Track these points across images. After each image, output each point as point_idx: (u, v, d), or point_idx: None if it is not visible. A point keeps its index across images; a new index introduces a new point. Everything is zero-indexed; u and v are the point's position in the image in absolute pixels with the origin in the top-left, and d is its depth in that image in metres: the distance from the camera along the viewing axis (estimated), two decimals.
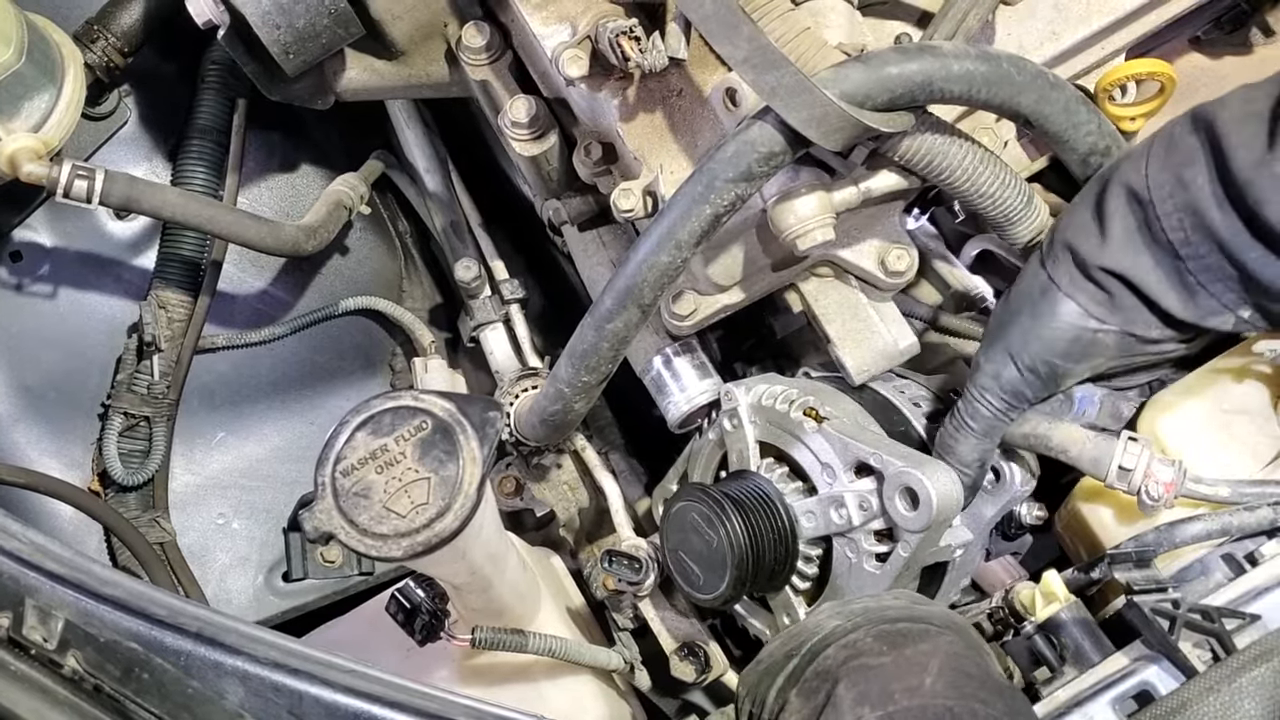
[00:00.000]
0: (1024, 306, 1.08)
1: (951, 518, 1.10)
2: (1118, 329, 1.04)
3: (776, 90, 0.99)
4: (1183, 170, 0.98)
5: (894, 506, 1.09)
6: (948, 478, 1.08)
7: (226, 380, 1.70)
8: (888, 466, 1.10)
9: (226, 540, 1.69)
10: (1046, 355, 1.06)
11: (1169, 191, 0.99)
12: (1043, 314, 1.06)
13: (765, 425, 1.23)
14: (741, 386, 1.25)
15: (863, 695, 0.80)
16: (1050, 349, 1.06)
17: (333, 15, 1.23)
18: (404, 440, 0.92)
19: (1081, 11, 1.26)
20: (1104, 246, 1.02)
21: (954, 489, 1.08)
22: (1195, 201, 0.97)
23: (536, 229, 1.52)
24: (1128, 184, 1.02)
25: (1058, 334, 1.05)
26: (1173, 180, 0.99)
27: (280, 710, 0.84)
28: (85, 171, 1.35)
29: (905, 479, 1.08)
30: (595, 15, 1.16)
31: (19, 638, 0.83)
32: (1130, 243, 1.01)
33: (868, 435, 1.18)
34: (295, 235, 1.51)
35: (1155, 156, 1.01)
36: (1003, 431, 1.12)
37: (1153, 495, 1.03)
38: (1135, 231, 1.01)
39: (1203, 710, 0.84)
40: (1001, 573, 1.29)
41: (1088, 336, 1.05)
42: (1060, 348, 1.06)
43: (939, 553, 1.14)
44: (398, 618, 1.13)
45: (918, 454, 1.12)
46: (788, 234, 1.11)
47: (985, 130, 1.26)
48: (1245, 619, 0.91)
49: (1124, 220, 1.02)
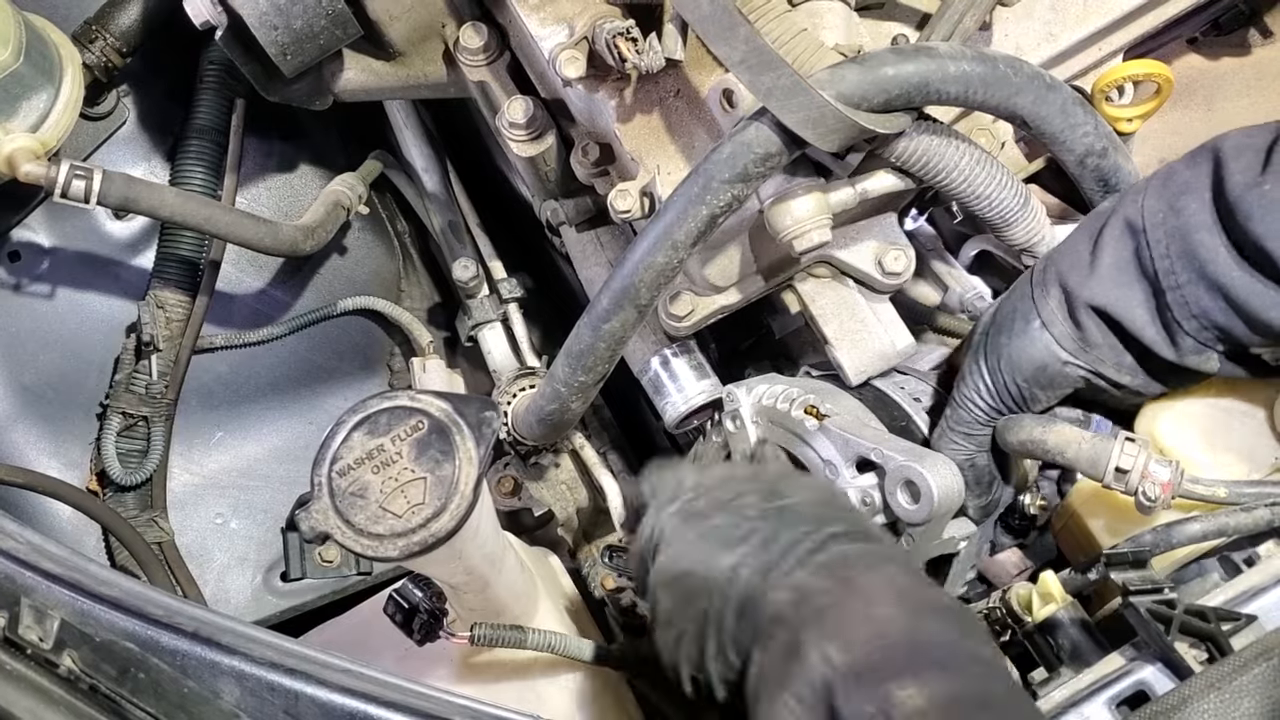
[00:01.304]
0: (1005, 325, 1.11)
1: (953, 510, 1.11)
2: (1086, 368, 1.07)
3: (773, 91, 0.99)
4: (1178, 198, 1.01)
5: (896, 500, 1.09)
6: (948, 470, 1.09)
7: (225, 380, 1.71)
8: (888, 461, 1.10)
9: (225, 540, 1.69)
10: (1016, 377, 1.10)
11: (1161, 219, 1.01)
12: (1019, 335, 1.09)
13: (768, 425, 1.23)
14: (743, 387, 1.26)
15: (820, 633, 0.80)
16: (1020, 371, 1.09)
17: (330, 16, 1.23)
18: (400, 440, 0.92)
19: (1079, 13, 1.26)
20: (1092, 277, 1.04)
21: (954, 481, 1.09)
22: (1185, 226, 0.99)
23: (534, 229, 1.52)
24: (1125, 216, 1.04)
25: (1029, 359, 1.09)
26: (1166, 208, 1.01)
27: (276, 710, 0.84)
28: (83, 171, 1.35)
29: (906, 473, 1.08)
30: (592, 16, 1.16)
31: (14, 637, 0.83)
32: (1119, 275, 1.03)
33: (868, 431, 1.18)
34: (293, 235, 1.51)
35: (1153, 189, 1.03)
36: (986, 435, 1.14)
37: (1150, 496, 1.03)
38: (1126, 263, 1.03)
39: (1202, 708, 0.84)
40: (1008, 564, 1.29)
41: (1055, 368, 1.08)
42: (1028, 372, 1.09)
43: (943, 545, 1.15)
44: (395, 618, 1.12)
45: (918, 448, 1.13)
46: (784, 235, 1.11)
47: (982, 131, 1.26)
48: (1241, 620, 0.91)
49: (1115, 251, 1.04)
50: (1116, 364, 1.06)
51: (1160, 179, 1.04)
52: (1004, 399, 1.12)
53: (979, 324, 1.16)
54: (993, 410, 1.13)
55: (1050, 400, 1.11)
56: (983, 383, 1.12)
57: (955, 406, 1.15)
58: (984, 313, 1.18)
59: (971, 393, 1.13)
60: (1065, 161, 1.15)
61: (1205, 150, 1.02)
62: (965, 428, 1.14)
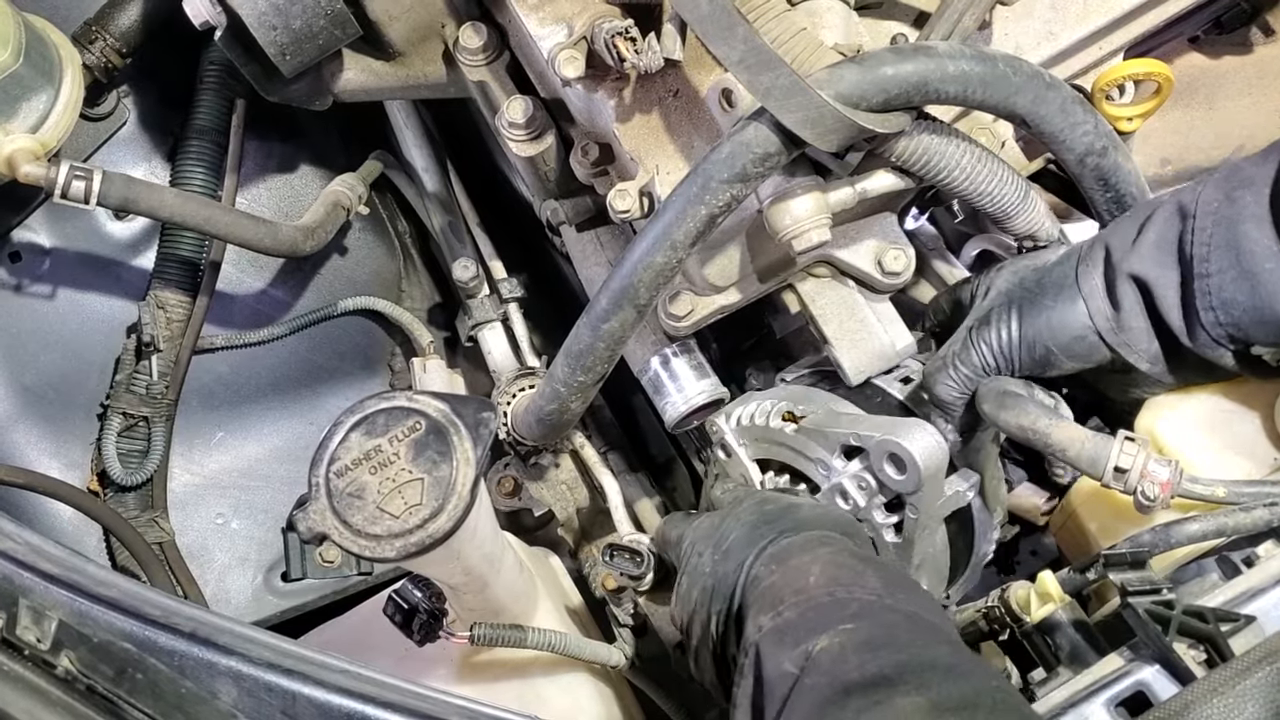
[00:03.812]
0: (1050, 288, 1.11)
1: (941, 468, 1.12)
2: (1114, 345, 1.07)
3: (771, 91, 0.99)
4: (1236, 189, 1.01)
5: (885, 475, 1.11)
6: (923, 432, 1.10)
7: (225, 380, 1.71)
8: (867, 441, 1.12)
9: (225, 540, 1.70)
10: (1049, 341, 1.10)
11: (1215, 207, 1.01)
12: (1062, 303, 1.09)
13: (755, 443, 1.24)
14: (721, 416, 1.28)
15: (759, 609, 0.93)
16: (1056, 337, 1.09)
17: (329, 16, 1.23)
18: (398, 441, 0.92)
19: (1079, 11, 1.26)
20: (1133, 251, 1.05)
21: (934, 441, 1.10)
22: (1235, 215, 0.99)
23: (534, 229, 1.52)
24: (1180, 201, 1.05)
25: (1066, 328, 1.09)
26: (1223, 197, 1.01)
27: (274, 710, 0.84)
28: (83, 172, 1.35)
29: (887, 447, 1.10)
30: (591, 16, 1.16)
31: (12, 638, 0.83)
32: (1159, 253, 1.04)
33: (843, 419, 1.20)
34: (293, 235, 1.51)
35: (1216, 180, 1.04)
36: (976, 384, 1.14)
37: (1149, 495, 1.03)
38: (1168, 244, 1.03)
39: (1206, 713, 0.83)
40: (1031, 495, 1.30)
41: (1091, 340, 1.08)
42: (1064, 340, 1.09)
43: (950, 501, 1.15)
44: (395, 619, 1.13)
45: (893, 420, 1.14)
46: (784, 235, 1.11)
47: (983, 130, 1.26)
48: (1240, 620, 0.90)
49: (1160, 231, 1.04)
50: (1143, 351, 1.07)
51: (1226, 172, 1.04)
52: (1023, 356, 1.12)
53: (1002, 275, 1.17)
54: (1007, 363, 1.13)
55: (1070, 370, 1.11)
56: (1008, 334, 1.12)
57: (969, 346, 1.14)
58: (1007, 268, 1.18)
59: (994, 340, 1.12)
60: (1065, 160, 1.15)
61: (1276, 148, 1.01)
62: (971, 369, 1.14)
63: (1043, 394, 1.14)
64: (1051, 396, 1.15)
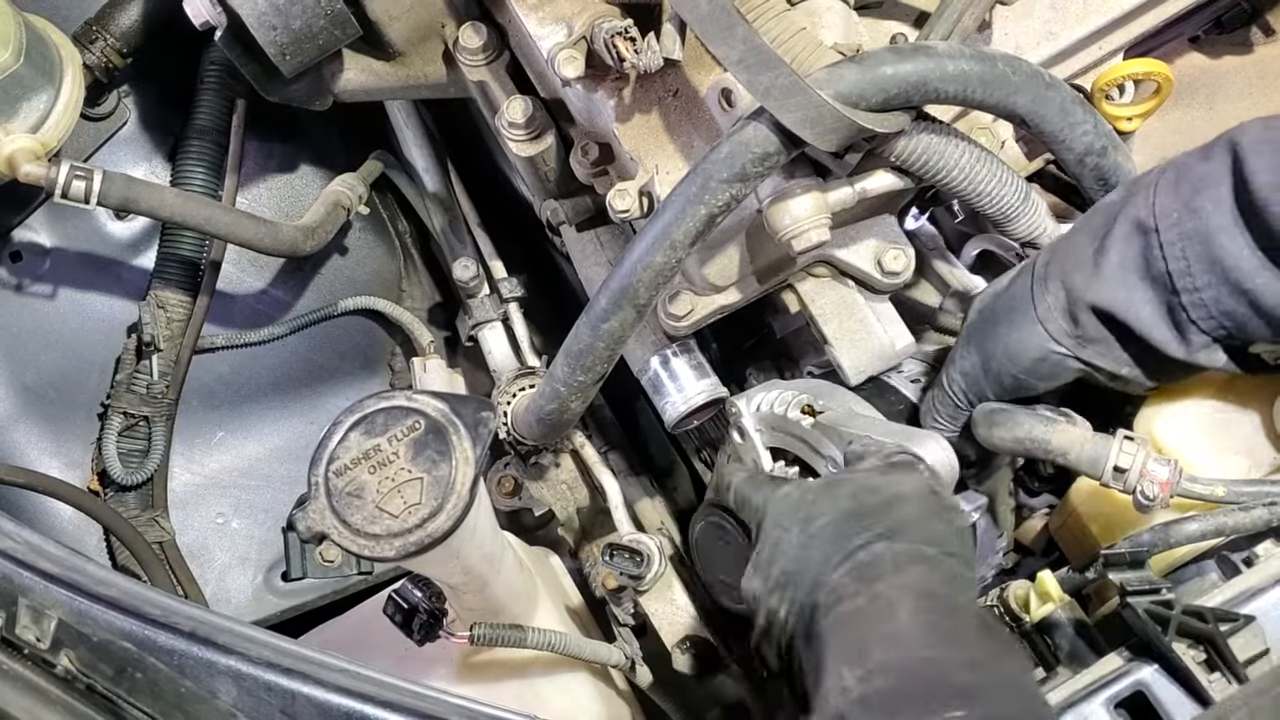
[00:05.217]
0: (1003, 315, 1.10)
1: (951, 484, 1.11)
2: (1083, 361, 1.06)
3: (771, 91, 0.99)
4: (1194, 197, 0.97)
5: None
6: (937, 446, 1.09)
7: (226, 380, 1.71)
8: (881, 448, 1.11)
9: (226, 540, 1.70)
10: (1012, 369, 1.09)
11: (1176, 219, 0.97)
12: (1016, 328, 1.08)
13: (770, 431, 1.23)
14: (743, 399, 1.26)
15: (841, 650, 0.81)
16: (1016, 364, 1.08)
17: (329, 16, 1.23)
18: (397, 440, 0.93)
19: (1079, 11, 1.26)
20: (1096, 278, 1.02)
21: (946, 456, 1.09)
22: (1204, 230, 0.96)
23: (534, 229, 1.52)
24: (1136, 216, 1.01)
25: (1025, 352, 1.08)
26: (1181, 207, 0.97)
27: (273, 710, 0.84)
28: (83, 172, 1.35)
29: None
30: (591, 16, 1.16)
31: (12, 637, 0.83)
32: (1125, 275, 1.01)
33: (861, 421, 1.19)
34: (294, 235, 1.51)
35: (1164, 186, 0.99)
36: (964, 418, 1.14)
37: (1148, 495, 1.03)
38: (1132, 263, 1.00)
39: None
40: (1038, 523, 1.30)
41: (1055, 359, 1.07)
42: (1025, 364, 1.08)
43: None
44: (395, 618, 1.13)
45: (908, 429, 1.14)
46: (783, 234, 1.11)
47: (982, 130, 1.26)
48: (1239, 620, 0.90)
49: (1122, 251, 1.01)
50: (1114, 358, 1.05)
51: (1172, 175, 0.99)
52: (992, 387, 1.11)
53: (973, 307, 1.16)
54: (978, 396, 1.13)
55: (1046, 389, 1.10)
56: (971, 368, 1.12)
57: (941, 388, 1.15)
58: (978, 297, 1.17)
59: (959, 376, 1.13)
60: (1065, 160, 1.15)
61: (1221, 144, 0.97)
62: (949, 410, 1.15)
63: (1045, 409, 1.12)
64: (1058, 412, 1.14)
